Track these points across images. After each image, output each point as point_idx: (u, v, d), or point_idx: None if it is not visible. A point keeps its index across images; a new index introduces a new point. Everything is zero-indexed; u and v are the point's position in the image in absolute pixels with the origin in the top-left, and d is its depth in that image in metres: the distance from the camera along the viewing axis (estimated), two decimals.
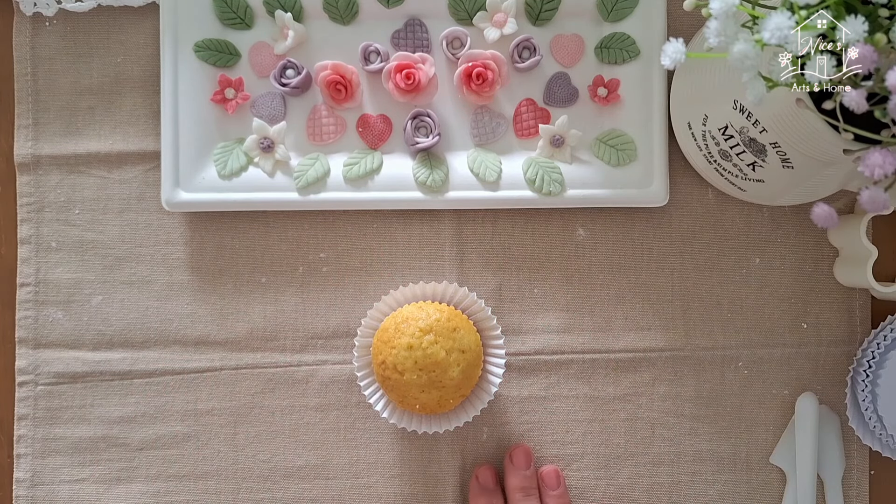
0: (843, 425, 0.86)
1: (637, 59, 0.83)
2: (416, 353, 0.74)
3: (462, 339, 0.76)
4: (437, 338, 0.75)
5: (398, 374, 0.75)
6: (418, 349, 0.74)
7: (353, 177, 0.83)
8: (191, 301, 0.86)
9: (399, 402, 0.77)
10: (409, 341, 0.74)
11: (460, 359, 0.75)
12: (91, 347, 0.85)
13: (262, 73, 0.85)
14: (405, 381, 0.74)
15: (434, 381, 0.75)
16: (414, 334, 0.75)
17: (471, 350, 0.76)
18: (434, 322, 0.75)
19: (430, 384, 0.75)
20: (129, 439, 0.85)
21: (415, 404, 0.76)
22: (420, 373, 0.74)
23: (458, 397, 0.77)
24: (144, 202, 0.86)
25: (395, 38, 0.84)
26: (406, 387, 0.75)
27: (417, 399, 0.75)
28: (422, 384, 0.74)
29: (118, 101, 0.86)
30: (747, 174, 0.74)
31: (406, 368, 0.74)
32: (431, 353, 0.74)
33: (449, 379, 0.75)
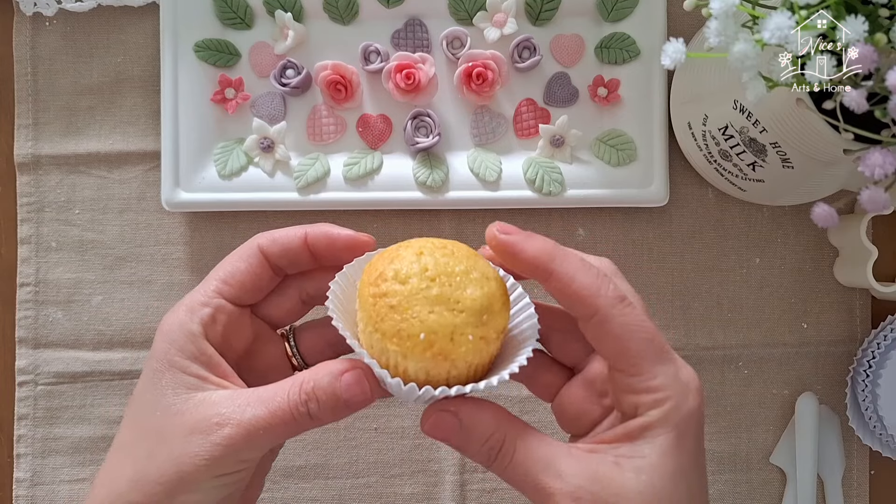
0: (843, 425, 0.86)
1: (637, 59, 0.83)
2: (427, 259, 0.54)
3: (486, 267, 0.55)
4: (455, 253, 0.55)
5: (399, 285, 0.53)
6: (430, 255, 0.54)
7: (353, 177, 0.83)
8: None
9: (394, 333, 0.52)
10: (420, 246, 0.55)
11: (483, 282, 0.54)
12: (91, 347, 0.86)
13: (263, 73, 0.85)
14: (408, 292, 0.53)
15: (448, 298, 0.53)
16: (425, 245, 0.55)
17: (497, 279, 0.55)
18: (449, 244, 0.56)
19: (443, 301, 0.53)
20: None
21: (418, 331, 0.52)
22: (430, 282, 0.53)
23: (478, 339, 0.53)
24: (144, 202, 0.86)
25: (395, 38, 0.84)
26: (409, 300, 0.53)
27: (423, 322, 0.52)
28: (431, 298, 0.52)
29: (118, 100, 0.86)
30: (747, 174, 0.74)
31: (412, 274, 0.53)
32: (447, 262, 0.54)
33: (469, 298, 0.53)
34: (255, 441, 0.53)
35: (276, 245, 0.59)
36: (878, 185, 0.54)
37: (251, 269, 0.59)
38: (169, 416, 0.53)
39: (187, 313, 0.57)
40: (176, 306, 0.58)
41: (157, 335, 0.56)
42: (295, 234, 0.59)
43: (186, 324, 0.56)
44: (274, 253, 0.59)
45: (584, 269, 0.53)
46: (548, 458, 0.52)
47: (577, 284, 0.52)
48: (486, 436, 0.53)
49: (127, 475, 0.54)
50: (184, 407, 0.53)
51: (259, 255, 0.59)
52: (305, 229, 0.59)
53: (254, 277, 0.59)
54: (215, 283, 0.58)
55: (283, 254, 0.59)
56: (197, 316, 0.56)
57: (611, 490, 0.50)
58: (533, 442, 0.53)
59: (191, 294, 0.58)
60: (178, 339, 0.56)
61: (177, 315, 0.57)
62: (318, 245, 0.59)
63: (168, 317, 0.57)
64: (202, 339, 0.56)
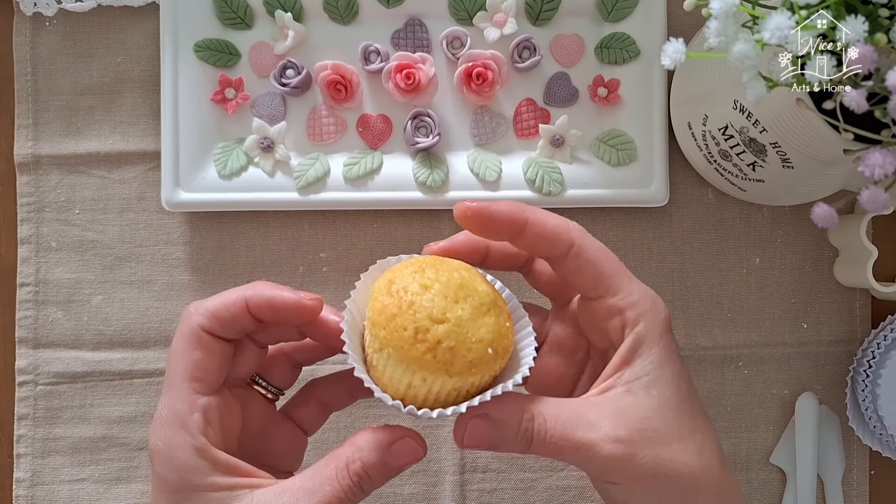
0: (843, 425, 0.86)
1: (637, 59, 0.83)
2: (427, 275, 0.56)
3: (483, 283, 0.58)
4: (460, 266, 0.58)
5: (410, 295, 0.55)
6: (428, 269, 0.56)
7: (353, 177, 0.83)
8: (191, 301, 0.82)
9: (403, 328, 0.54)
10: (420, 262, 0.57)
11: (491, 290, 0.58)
12: (91, 347, 0.86)
13: (263, 73, 0.85)
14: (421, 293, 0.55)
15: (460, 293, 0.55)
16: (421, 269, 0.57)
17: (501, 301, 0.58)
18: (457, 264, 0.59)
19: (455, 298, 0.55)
20: (129, 439, 0.85)
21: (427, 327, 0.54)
22: (440, 286, 0.55)
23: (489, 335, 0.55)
24: (144, 202, 0.86)
25: (395, 38, 0.84)
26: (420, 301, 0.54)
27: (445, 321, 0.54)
28: (446, 295, 0.55)
29: (118, 100, 0.86)
30: (747, 174, 0.74)
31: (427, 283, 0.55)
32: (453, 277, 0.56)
33: (483, 293, 0.57)
34: None
35: (216, 321, 0.57)
36: (878, 185, 0.54)
37: (208, 353, 0.57)
38: None
39: (180, 430, 0.54)
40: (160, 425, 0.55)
41: (160, 464, 0.54)
42: (234, 302, 0.57)
43: (187, 441, 0.54)
44: (217, 329, 0.57)
45: (551, 214, 0.58)
46: (575, 416, 0.54)
47: (552, 224, 0.58)
48: (517, 423, 0.54)
49: None
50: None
51: (206, 337, 0.57)
52: (244, 295, 0.57)
53: (215, 358, 0.57)
54: (185, 384, 0.56)
55: (227, 327, 0.57)
56: (192, 427, 0.55)
57: (635, 416, 0.54)
58: (555, 408, 0.55)
59: (166, 407, 0.56)
60: (188, 461, 0.54)
61: (170, 436, 0.54)
62: (261, 312, 0.57)
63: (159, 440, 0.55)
64: (210, 448, 0.55)
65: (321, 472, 0.54)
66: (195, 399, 0.55)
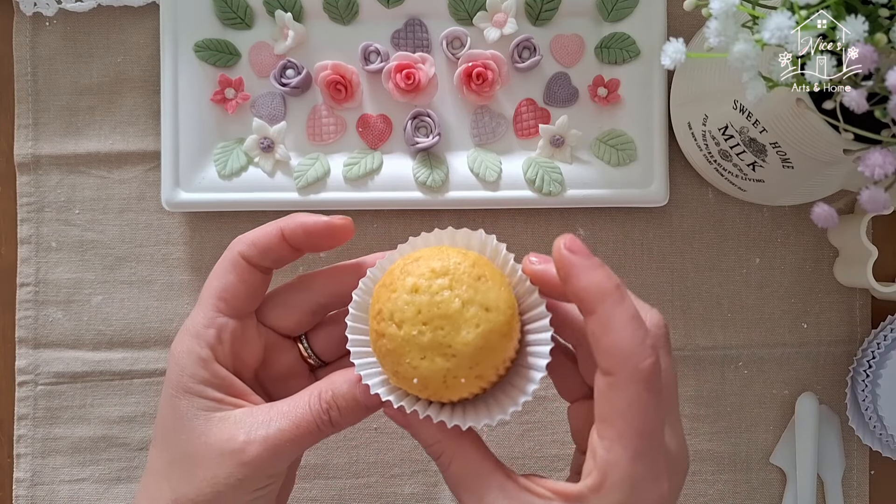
0: (843, 425, 0.86)
1: (637, 59, 0.83)
2: (421, 299, 0.53)
3: (488, 292, 0.53)
4: (453, 283, 0.53)
5: (394, 328, 0.53)
6: (425, 293, 0.53)
7: (353, 177, 0.83)
8: (191, 301, 0.86)
9: (392, 372, 0.55)
10: (414, 282, 0.53)
11: (481, 318, 0.52)
12: (91, 347, 0.86)
13: (262, 73, 0.85)
14: (402, 338, 0.53)
15: (439, 343, 0.52)
16: (423, 274, 0.54)
17: (498, 310, 0.53)
18: (453, 265, 0.54)
19: (434, 346, 0.52)
20: (129, 439, 0.86)
21: (411, 376, 0.53)
22: (423, 327, 0.53)
23: (473, 378, 0.53)
24: (144, 202, 0.86)
25: (395, 38, 0.84)
26: (402, 347, 0.53)
27: (416, 368, 0.53)
28: (423, 345, 0.52)
29: (118, 100, 0.86)
30: (747, 174, 0.74)
31: (405, 319, 0.53)
32: (441, 300, 0.53)
33: (461, 343, 0.52)
34: (282, 454, 0.55)
35: (255, 248, 0.60)
36: (878, 185, 0.54)
37: (241, 279, 0.60)
38: (194, 439, 0.56)
39: (193, 338, 0.58)
40: (181, 332, 0.59)
41: (169, 362, 0.59)
42: (271, 231, 0.60)
43: (194, 349, 0.58)
44: (255, 256, 0.60)
45: (630, 324, 0.51)
46: (476, 484, 0.54)
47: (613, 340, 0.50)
48: (428, 442, 0.56)
49: (166, 497, 0.56)
50: (206, 429, 0.56)
51: (243, 263, 0.60)
52: (279, 225, 0.60)
53: (246, 286, 0.60)
54: (212, 301, 0.59)
55: (264, 255, 0.60)
56: (203, 339, 0.58)
57: None
58: (469, 463, 0.55)
59: (191, 318, 0.60)
60: (189, 366, 0.58)
61: (184, 342, 0.59)
62: (296, 238, 0.60)
63: (176, 344, 0.59)
64: (212, 362, 0.58)
65: (296, 398, 0.57)
66: (215, 316, 0.59)
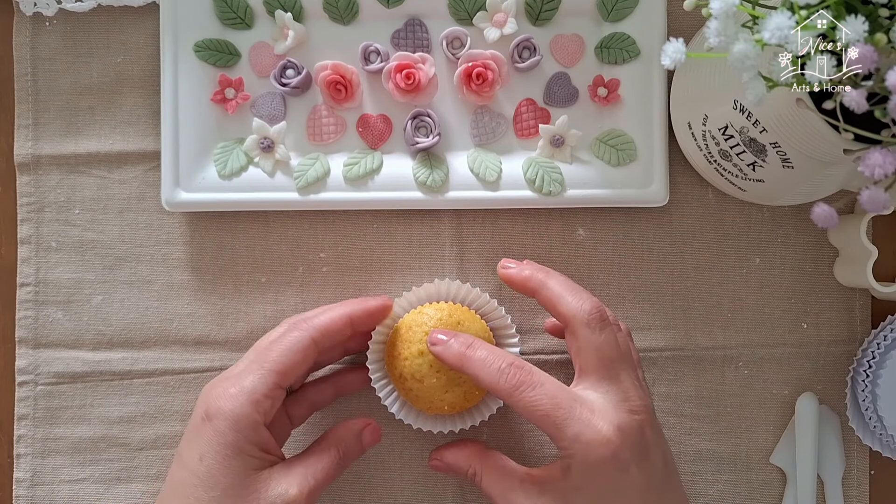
0: (843, 425, 0.86)
1: (637, 59, 0.83)
2: (429, 357, 0.75)
3: (468, 330, 0.76)
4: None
5: (418, 383, 0.75)
6: (429, 353, 0.75)
7: (353, 177, 0.83)
8: (191, 301, 0.86)
9: (427, 409, 0.77)
10: (418, 347, 0.75)
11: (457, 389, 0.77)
12: (91, 347, 0.86)
13: (262, 73, 0.85)
14: (427, 387, 0.75)
15: (453, 379, 0.76)
16: (421, 340, 0.75)
17: (479, 338, 0.74)
18: (437, 322, 0.76)
19: (451, 383, 0.76)
20: (129, 439, 0.85)
21: (443, 406, 0.76)
22: (438, 375, 0.75)
23: (477, 391, 0.78)
24: (144, 202, 0.86)
25: (395, 38, 0.84)
26: (430, 392, 0.76)
27: (444, 400, 0.76)
28: (443, 385, 0.75)
29: (118, 100, 0.86)
30: (747, 174, 0.74)
31: (424, 375, 0.75)
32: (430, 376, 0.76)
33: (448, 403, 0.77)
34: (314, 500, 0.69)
35: (327, 337, 0.72)
36: (878, 185, 0.54)
37: (305, 361, 0.71)
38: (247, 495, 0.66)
39: (251, 404, 0.68)
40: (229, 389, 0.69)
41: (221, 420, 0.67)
42: (341, 320, 0.73)
43: (253, 416, 0.67)
44: (323, 341, 0.72)
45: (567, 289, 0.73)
46: (503, 490, 0.70)
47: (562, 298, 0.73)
48: (463, 469, 0.74)
49: None
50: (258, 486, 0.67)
51: (312, 347, 0.71)
52: (349, 314, 0.74)
53: (305, 368, 0.72)
54: (275, 374, 0.69)
55: (330, 339, 0.73)
56: (261, 407, 0.68)
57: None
58: (494, 474, 0.71)
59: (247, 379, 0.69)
60: (246, 430, 0.67)
61: (241, 404, 0.67)
62: (361, 322, 0.75)
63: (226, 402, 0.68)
64: (264, 427, 0.69)
65: (320, 452, 0.72)
66: (275, 388, 0.69)
